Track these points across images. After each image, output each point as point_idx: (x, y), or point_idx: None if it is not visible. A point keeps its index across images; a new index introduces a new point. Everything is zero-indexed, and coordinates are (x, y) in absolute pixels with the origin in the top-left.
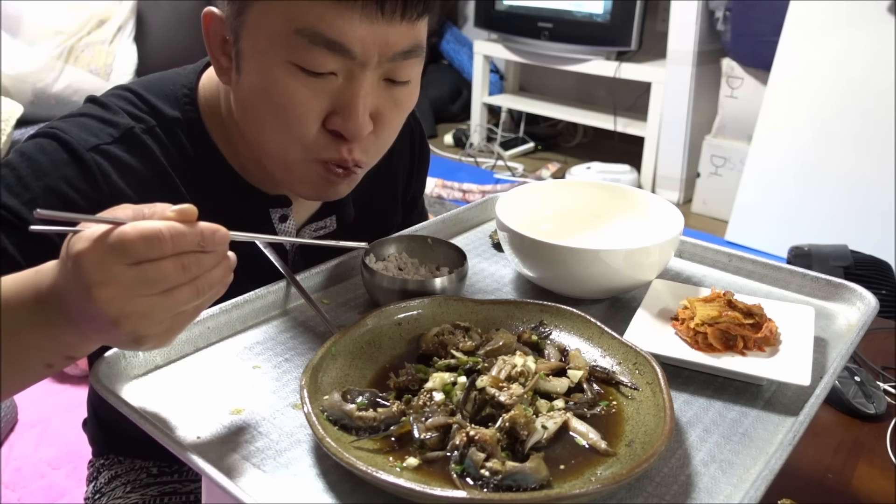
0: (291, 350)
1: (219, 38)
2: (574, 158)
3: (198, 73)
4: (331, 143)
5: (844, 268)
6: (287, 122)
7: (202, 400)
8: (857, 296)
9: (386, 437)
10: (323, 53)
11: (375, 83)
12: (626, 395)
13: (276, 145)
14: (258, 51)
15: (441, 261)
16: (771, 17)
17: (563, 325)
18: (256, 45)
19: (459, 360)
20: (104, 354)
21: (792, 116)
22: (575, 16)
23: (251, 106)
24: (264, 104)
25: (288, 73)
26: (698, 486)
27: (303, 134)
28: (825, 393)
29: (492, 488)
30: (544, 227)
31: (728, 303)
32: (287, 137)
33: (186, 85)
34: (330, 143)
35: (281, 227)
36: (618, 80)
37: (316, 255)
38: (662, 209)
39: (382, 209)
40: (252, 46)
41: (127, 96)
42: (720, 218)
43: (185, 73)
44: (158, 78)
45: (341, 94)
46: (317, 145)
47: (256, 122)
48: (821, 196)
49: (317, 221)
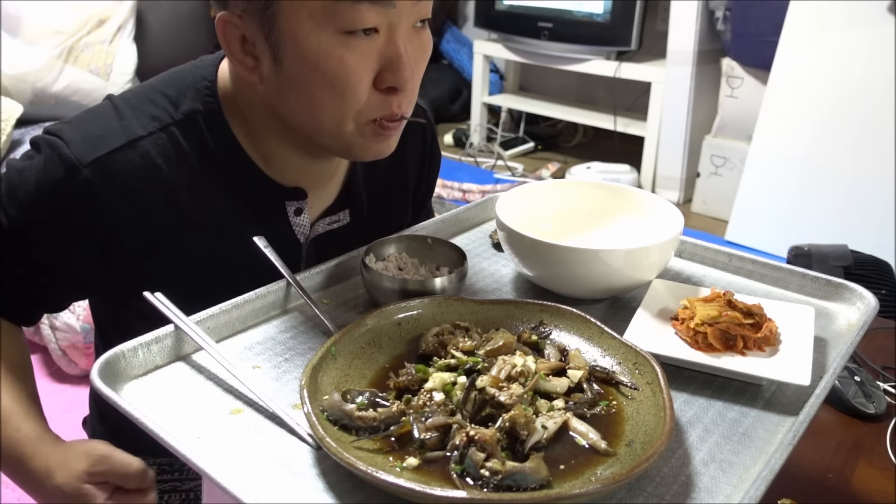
0: (291, 350)
1: (237, 39)
2: (574, 158)
3: (216, 64)
4: (382, 100)
5: (844, 268)
6: (343, 90)
7: (202, 400)
8: (857, 296)
9: (386, 437)
10: (367, 9)
11: (408, 32)
12: (626, 395)
13: (331, 120)
14: (302, 32)
15: (441, 261)
16: (771, 17)
17: (563, 325)
18: (298, 27)
19: (459, 360)
20: (104, 354)
21: (792, 116)
22: (575, 16)
23: (301, 88)
24: (317, 81)
25: (337, 44)
26: (698, 486)
27: (358, 98)
28: (825, 393)
29: (492, 488)
30: (544, 227)
31: (728, 303)
32: (343, 106)
33: (206, 77)
34: (381, 100)
35: (295, 221)
36: (618, 80)
37: (328, 251)
38: (662, 209)
39: (394, 206)
40: (293, 30)
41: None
42: (720, 218)
43: (204, 66)
44: (178, 71)
45: (386, 49)
46: (369, 106)
47: (309, 103)
48: (821, 196)
49: (331, 215)
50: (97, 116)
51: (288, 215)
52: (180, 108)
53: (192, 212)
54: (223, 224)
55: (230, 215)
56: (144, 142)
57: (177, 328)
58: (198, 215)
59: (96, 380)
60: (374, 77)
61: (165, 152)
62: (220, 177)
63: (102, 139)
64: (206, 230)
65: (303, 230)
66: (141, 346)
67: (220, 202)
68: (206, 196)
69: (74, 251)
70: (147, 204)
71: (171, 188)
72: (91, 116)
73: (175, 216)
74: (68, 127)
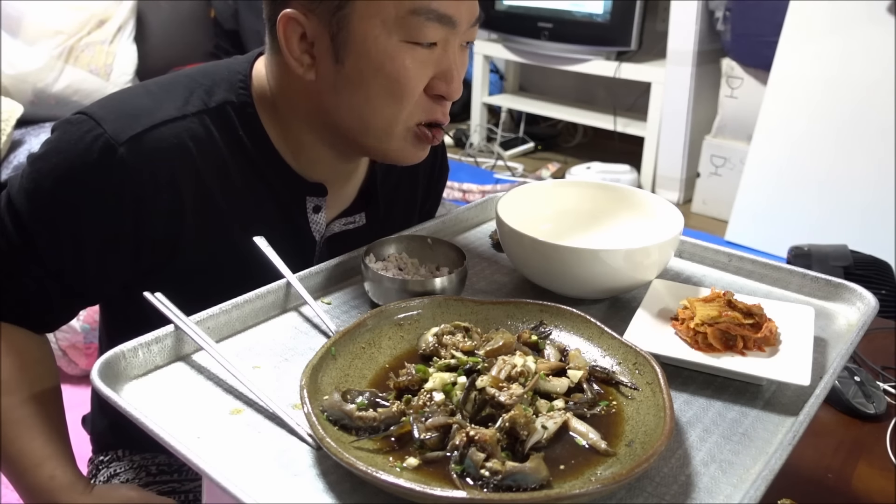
0: (291, 350)
1: (296, 36)
2: (574, 158)
3: (250, 62)
4: (430, 106)
5: (844, 268)
6: (400, 93)
7: (202, 400)
8: (856, 296)
9: (386, 437)
10: (434, 27)
11: (458, 49)
12: (626, 395)
13: (383, 120)
14: (371, 36)
15: (441, 261)
16: (771, 17)
17: (563, 325)
18: (369, 31)
19: (459, 360)
20: (104, 354)
21: (792, 116)
22: (575, 16)
23: (359, 88)
24: (377, 82)
25: (402, 51)
26: (698, 486)
27: (411, 101)
28: (825, 393)
29: (492, 488)
30: (544, 227)
31: (728, 303)
32: (396, 108)
33: (241, 71)
34: (429, 106)
35: (313, 218)
36: (618, 80)
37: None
38: (662, 209)
39: (403, 214)
40: (364, 33)
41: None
42: (720, 218)
43: (238, 62)
44: (212, 65)
45: (441, 61)
46: (418, 109)
47: (364, 102)
48: (821, 196)
49: (346, 217)
50: (128, 97)
51: (307, 212)
52: (213, 97)
53: (218, 198)
54: (246, 214)
55: (253, 206)
56: (177, 123)
57: (177, 328)
58: (224, 203)
59: (96, 380)
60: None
61: (197, 136)
62: (249, 167)
63: (136, 118)
64: (231, 218)
65: (318, 228)
66: (141, 346)
67: (245, 192)
68: (233, 184)
69: (108, 233)
70: (178, 185)
71: (200, 172)
72: (122, 96)
73: (202, 201)
74: (97, 107)
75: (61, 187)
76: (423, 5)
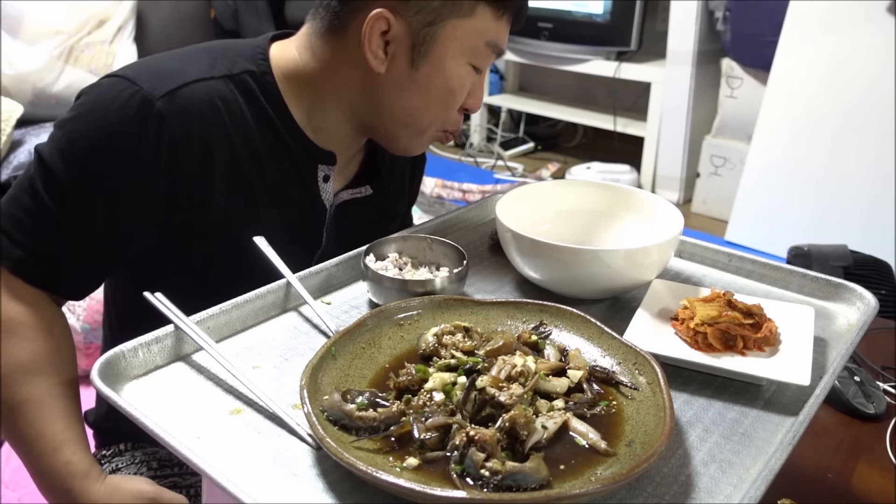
0: (291, 350)
1: (379, 33)
2: (574, 158)
3: (268, 40)
4: (457, 116)
5: (844, 268)
6: (452, 104)
7: (202, 400)
8: (856, 296)
9: (386, 437)
10: (491, 57)
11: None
12: (626, 395)
13: (427, 120)
14: (450, 54)
15: (441, 261)
16: (771, 17)
17: (563, 325)
18: (448, 50)
19: (459, 360)
20: (104, 354)
21: (792, 116)
22: (575, 16)
23: (422, 92)
24: (439, 92)
25: (465, 71)
26: (698, 486)
27: (454, 111)
28: (825, 393)
29: (492, 488)
30: (544, 227)
31: (728, 303)
32: (443, 115)
33: (260, 47)
34: (456, 116)
35: (323, 187)
36: (617, 80)
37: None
38: (662, 209)
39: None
40: (443, 51)
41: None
42: (720, 218)
43: (257, 41)
44: (231, 41)
45: (477, 81)
46: (450, 117)
47: (421, 103)
48: (821, 196)
49: (353, 188)
50: (157, 60)
51: (317, 181)
52: (236, 65)
53: (243, 156)
54: (267, 178)
55: (274, 168)
56: (207, 83)
57: (177, 328)
58: (248, 161)
59: (96, 380)
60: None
61: (224, 97)
62: (270, 131)
63: (170, 77)
64: (253, 177)
65: (328, 197)
66: (141, 346)
67: (266, 154)
68: (256, 146)
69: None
70: (209, 139)
71: (227, 129)
72: (150, 60)
73: (230, 156)
74: (129, 69)
75: (101, 143)
76: (493, 40)
